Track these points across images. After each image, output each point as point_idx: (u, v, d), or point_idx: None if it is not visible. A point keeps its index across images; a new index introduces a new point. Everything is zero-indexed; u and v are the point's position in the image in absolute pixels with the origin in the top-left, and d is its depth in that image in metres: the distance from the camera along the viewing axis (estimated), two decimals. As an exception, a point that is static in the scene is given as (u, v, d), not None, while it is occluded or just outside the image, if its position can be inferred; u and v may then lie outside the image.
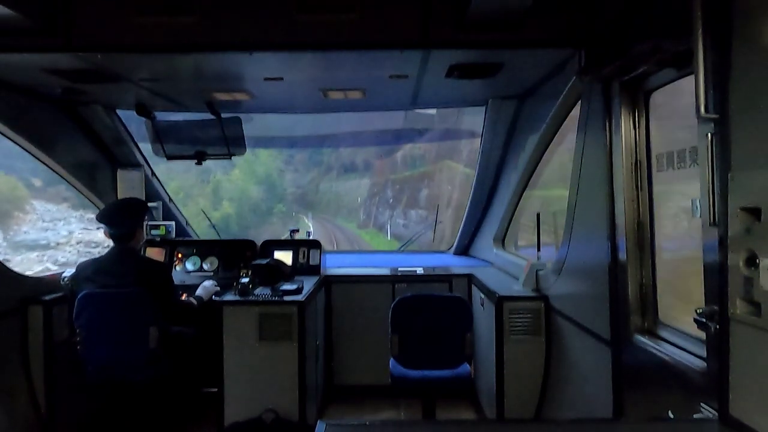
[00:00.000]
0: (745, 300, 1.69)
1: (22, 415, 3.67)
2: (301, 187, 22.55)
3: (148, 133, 4.94)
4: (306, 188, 22.73)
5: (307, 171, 22.82)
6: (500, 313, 3.76)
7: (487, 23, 2.93)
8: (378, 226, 19.93)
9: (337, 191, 22.69)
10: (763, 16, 1.62)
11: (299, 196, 22.41)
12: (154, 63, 3.50)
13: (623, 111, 2.68)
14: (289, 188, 22.33)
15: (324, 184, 22.94)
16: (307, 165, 22.69)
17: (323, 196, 22.77)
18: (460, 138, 12.75)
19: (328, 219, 21.31)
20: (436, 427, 2.47)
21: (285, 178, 22.23)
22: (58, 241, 13.77)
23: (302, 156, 21.80)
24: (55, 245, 13.54)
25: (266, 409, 3.76)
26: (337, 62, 3.49)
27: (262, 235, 16.27)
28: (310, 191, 22.75)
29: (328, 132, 16.34)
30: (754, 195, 1.65)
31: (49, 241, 13.67)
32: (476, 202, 5.52)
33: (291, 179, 22.34)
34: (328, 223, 20.56)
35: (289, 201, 21.70)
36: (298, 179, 22.48)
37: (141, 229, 3.89)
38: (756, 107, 1.65)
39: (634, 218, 2.65)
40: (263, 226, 19.28)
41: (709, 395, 1.87)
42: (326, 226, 19.71)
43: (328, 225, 20.35)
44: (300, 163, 22.45)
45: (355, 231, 20.25)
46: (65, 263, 11.73)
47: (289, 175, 22.40)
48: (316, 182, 22.78)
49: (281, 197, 21.54)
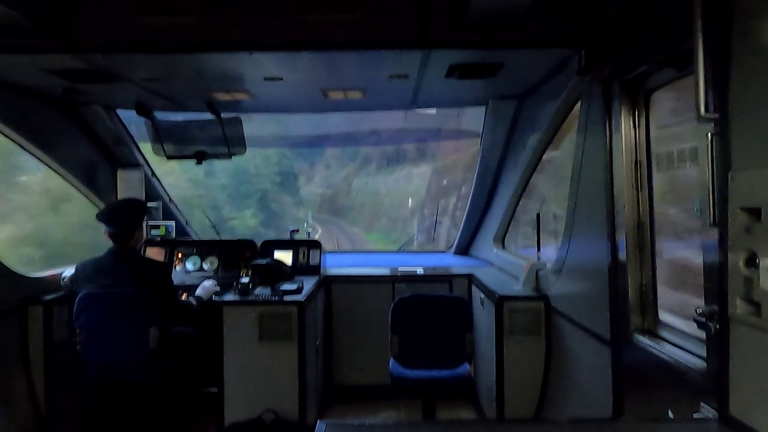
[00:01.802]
0: (745, 300, 1.69)
1: (22, 415, 3.67)
2: (331, 186, 18.00)
3: (148, 133, 4.94)
4: (338, 187, 18.00)
5: (341, 166, 17.93)
6: (500, 313, 3.75)
7: (487, 23, 2.93)
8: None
9: (375, 189, 17.22)
10: (763, 16, 1.62)
11: (328, 199, 17.84)
12: (154, 63, 3.50)
13: (623, 111, 2.68)
14: (317, 188, 17.97)
15: (359, 180, 17.72)
16: (341, 159, 17.69)
17: (356, 198, 17.89)
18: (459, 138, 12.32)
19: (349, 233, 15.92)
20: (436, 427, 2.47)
21: (313, 174, 17.73)
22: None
23: (335, 150, 16.88)
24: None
25: (266, 409, 3.76)
26: (337, 62, 3.49)
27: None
28: (341, 191, 18.00)
29: (350, 130, 13.46)
30: (754, 195, 1.65)
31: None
32: (476, 202, 5.52)
33: (323, 176, 17.91)
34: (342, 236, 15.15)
35: (309, 205, 17.23)
36: (330, 176, 17.94)
37: (140, 230, 3.89)
38: (756, 107, 1.65)
39: (634, 218, 2.65)
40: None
41: (709, 395, 1.87)
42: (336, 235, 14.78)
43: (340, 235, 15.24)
44: (334, 158, 17.67)
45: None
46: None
47: (321, 171, 17.99)
48: (351, 179, 17.95)
49: (300, 201, 17.07)
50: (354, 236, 15.46)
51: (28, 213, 8.09)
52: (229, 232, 11.57)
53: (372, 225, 16.15)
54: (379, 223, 15.98)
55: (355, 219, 16.77)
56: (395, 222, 15.16)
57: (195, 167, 5.45)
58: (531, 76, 3.83)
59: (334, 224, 15.87)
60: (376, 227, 15.80)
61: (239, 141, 4.91)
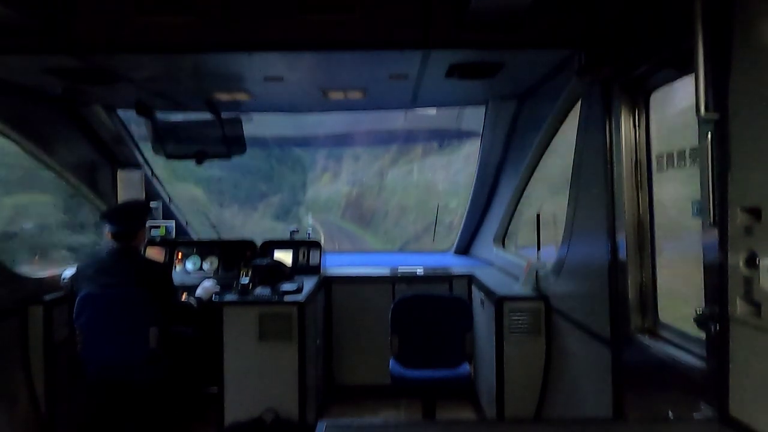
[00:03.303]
0: (745, 300, 1.69)
1: (22, 415, 3.67)
2: (361, 185, 14.10)
3: (148, 133, 4.93)
4: (367, 186, 14.03)
5: (373, 158, 13.90)
6: (500, 313, 3.75)
7: (487, 23, 2.93)
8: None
9: (421, 182, 12.82)
10: (763, 16, 1.62)
11: (353, 202, 13.92)
12: (154, 63, 3.50)
13: (623, 111, 2.68)
14: (343, 187, 14.27)
15: (396, 171, 13.53)
16: (373, 151, 13.60)
17: (390, 198, 13.49)
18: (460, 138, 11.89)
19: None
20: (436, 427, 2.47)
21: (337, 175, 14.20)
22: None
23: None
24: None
25: (266, 409, 3.76)
26: (337, 62, 3.49)
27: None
28: (369, 192, 13.93)
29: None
30: (754, 195, 1.65)
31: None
32: (476, 202, 5.52)
33: (350, 172, 14.21)
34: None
35: (327, 211, 13.77)
36: (359, 171, 14.16)
37: (143, 231, 3.90)
38: (756, 107, 1.65)
39: (634, 218, 2.65)
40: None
41: (709, 395, 1.87)
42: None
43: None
44: (365, 149, 13.77)
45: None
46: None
47: (349, 164, 14.29)
48: (385, 173, 13.85)
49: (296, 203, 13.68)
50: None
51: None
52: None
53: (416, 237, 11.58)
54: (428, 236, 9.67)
55: (390, 232, 12.34)
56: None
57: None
58: (531, 76, 3.83)
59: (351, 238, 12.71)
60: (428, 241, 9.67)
61: (239, 141, 4.90)
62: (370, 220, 13.37)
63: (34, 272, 4.03)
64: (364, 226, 13.45)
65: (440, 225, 6.76)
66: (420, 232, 11.74)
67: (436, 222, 6.86)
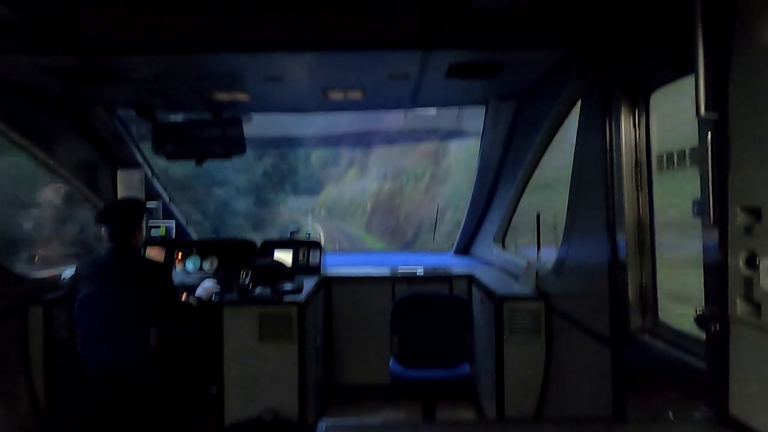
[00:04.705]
0: (745, 300, 1.69)
1: (22, 415, 3.67)
2: (391, 178, 11.02)
3: (148, 133, 4.93)
4: (401, 180, 10.98)
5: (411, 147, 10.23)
6: (500, 313, 3.75)
7: (487, 23, 2.93)
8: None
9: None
10: (763, 16, 1.62)
11: (384, 202, 10.76)
12: (154, 63, 3.50)
13: (623, 111, 2.68)
14: (373, 181, 11.74)
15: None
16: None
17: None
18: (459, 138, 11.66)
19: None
20: (436, 427, 2.48)
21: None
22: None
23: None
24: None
25: (266, 409, 3.76)
26: (337, 62, 3.49)
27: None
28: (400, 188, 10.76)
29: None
30: (754, 195, 1.65)
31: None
32: (476, 202, 5.52)
33: (382, 162, 11.42)
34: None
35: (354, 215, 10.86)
36: (391, 161, 10.94)
37: (140, 230, 3.88)
38: (756, 107, 1.65)
39: (634, 218, 2.65)
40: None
41: (709, 395, 1.87)
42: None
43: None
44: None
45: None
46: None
47: (380, 155, 11.53)
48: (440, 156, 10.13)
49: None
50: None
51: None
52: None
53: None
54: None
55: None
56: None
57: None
58: (531, 76, 3.83)
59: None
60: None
61: (239, 141, 4.89)
62: (401, 231, 9.31)
63: (34, 272, 4.03)
64: (394, 238, 9.62)
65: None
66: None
67: (436, 222, 6.87)
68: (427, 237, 10.55)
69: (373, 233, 10.44)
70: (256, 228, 12.12)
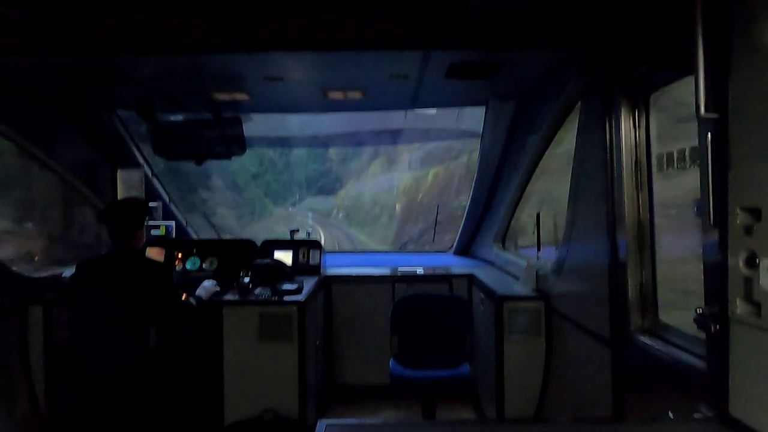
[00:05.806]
0: (745, 300, 1.69)
1: (22, 415, 3.67)
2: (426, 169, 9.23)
3: (148, 133, 4.94)
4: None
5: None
6: (500, 313, 3.75)
7: (486, 23, 2.93)
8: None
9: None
10: (763, 16, 1.62)
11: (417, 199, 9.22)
12: (154, 63, 3.50)
13: (623, 111, 2.68)
14: (404, 174, 10.37)
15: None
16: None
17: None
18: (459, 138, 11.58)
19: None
20: (436, 427, 2.47)
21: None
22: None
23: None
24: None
25: (266, 409, 3.76)
26: (337, 62, 3.49)
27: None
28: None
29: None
30: (754, 195, 1.65)
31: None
32: (476, 202, 5.52)
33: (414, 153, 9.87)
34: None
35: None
36: (428, 150, 9.37)
37: (142, 230, 3.87)
38: (756, 107, 1.65)
39: (634, 218, 2.65)
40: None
41: (709, 395, 1.87)
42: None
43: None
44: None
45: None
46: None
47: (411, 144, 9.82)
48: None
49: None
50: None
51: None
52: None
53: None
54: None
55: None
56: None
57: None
58: (531, 76, 3.83)
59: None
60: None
61: (239, 141, 4.90)
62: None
63: (33, 272, 4.03)
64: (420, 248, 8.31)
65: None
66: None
67: (436, 221, 6.87)
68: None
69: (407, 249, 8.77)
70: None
